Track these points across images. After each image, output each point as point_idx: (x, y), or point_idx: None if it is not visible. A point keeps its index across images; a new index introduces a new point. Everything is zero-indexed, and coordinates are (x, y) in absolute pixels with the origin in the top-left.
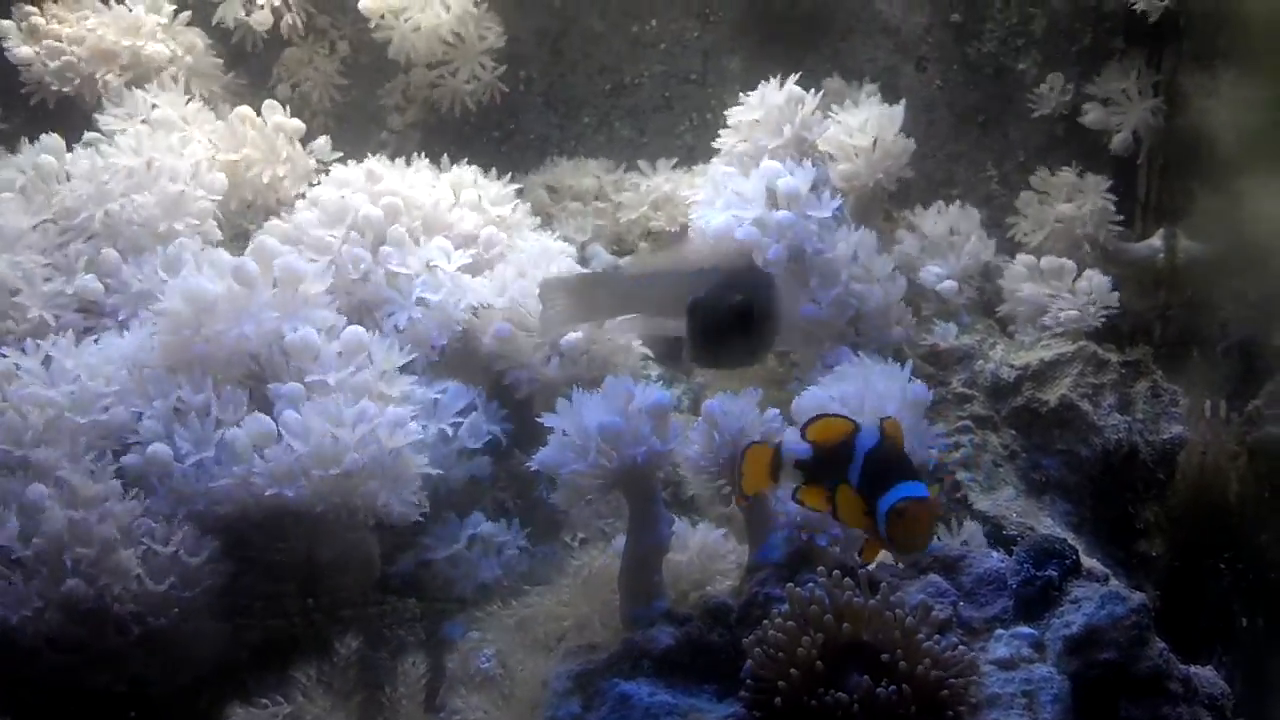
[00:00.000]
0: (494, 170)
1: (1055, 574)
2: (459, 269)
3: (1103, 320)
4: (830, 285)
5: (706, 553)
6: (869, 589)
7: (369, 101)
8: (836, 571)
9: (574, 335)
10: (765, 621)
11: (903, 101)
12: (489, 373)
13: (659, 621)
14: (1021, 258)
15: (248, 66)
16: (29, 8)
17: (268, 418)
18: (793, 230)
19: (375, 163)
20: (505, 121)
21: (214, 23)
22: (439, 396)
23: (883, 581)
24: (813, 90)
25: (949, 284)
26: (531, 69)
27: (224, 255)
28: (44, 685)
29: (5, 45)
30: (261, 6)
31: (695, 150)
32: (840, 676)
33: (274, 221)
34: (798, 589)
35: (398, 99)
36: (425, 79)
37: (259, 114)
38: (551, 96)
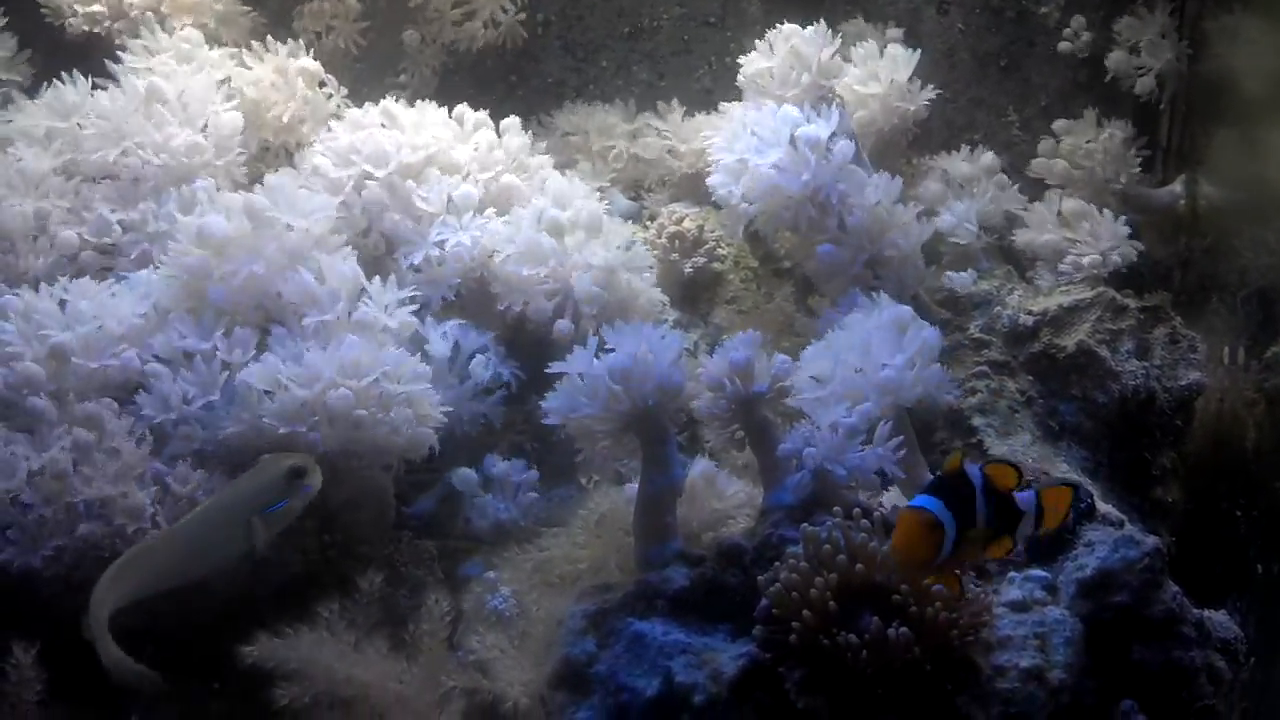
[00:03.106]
0: (512, 114)
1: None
2: (474, 210)
3: (1121, 266)
4: (850, 228)
5: (717, 494)
6: (883, 531)
7: (387, 45)
8: (856, 511)
9: (588, 280)
10: (779, 563)
11: (918, 50)
12: (504, 316)
13: (673, 562)
14: (1041, 203)
15: (267, 8)
16: None
17: (276, 359)
18: (812, 174)
19: (392, 104)
20: (523, 65)
21: None
22: (451, 336)
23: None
24: (830, 34)
25: (968, 229)
26: (549, 12)
27: (237, 195)
28: (65, 626)
29: None
30: None
31: (714, 94)
32: (853, 617)
33: (292, 163)
34: (813, 529)
35: (416, 42)
36: (444, 21)
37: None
38: (569, 40)
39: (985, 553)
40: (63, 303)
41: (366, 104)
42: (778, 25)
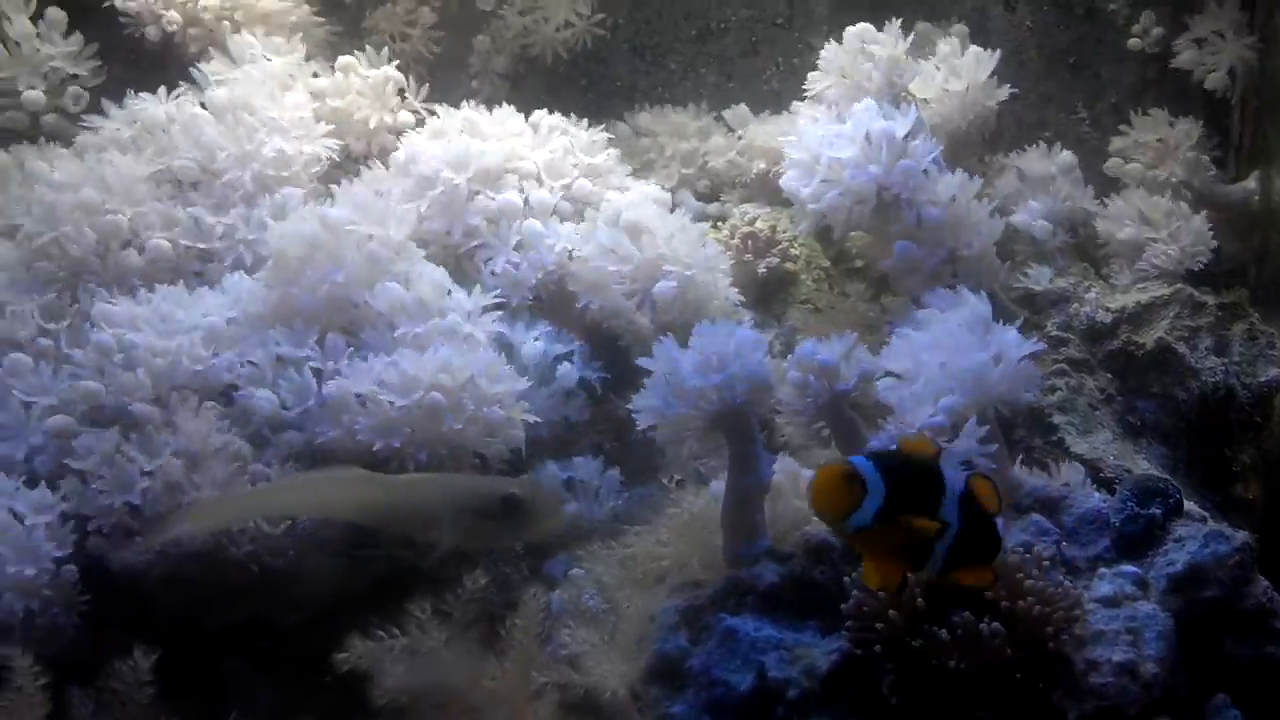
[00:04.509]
0: (584, 117)
1: (1159, 512)
2: (552, 214)
3: (1200, 263)
4: (926, 226)
5: (800, 492)
6: None
7: (460, 51)
8: None
9: (665, 280)
10: None
11: (990, 47)
12: (583, 318)
13: (763, 559)
14: (1117, 200)
15: (340, 16)
16: None
17: (369, 362)
18: (887, 172)
19: (472, 111)
20: (592, 69)
21: None
22: (534, 337)
23: None
24: (903, 33)
25: (1044, 226)
26: (618, 16)
27: (323, 202)
28: (167, 624)
29: None
30: None
31: (782, 95)
32: (944, 614)
33: (371, 170)
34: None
35: (489, 47)
36: (517, 27)
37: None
38: (638, 43)
39: (965, 580)
40: (159, 309)
41: (446, 110)
42: (846, 25)
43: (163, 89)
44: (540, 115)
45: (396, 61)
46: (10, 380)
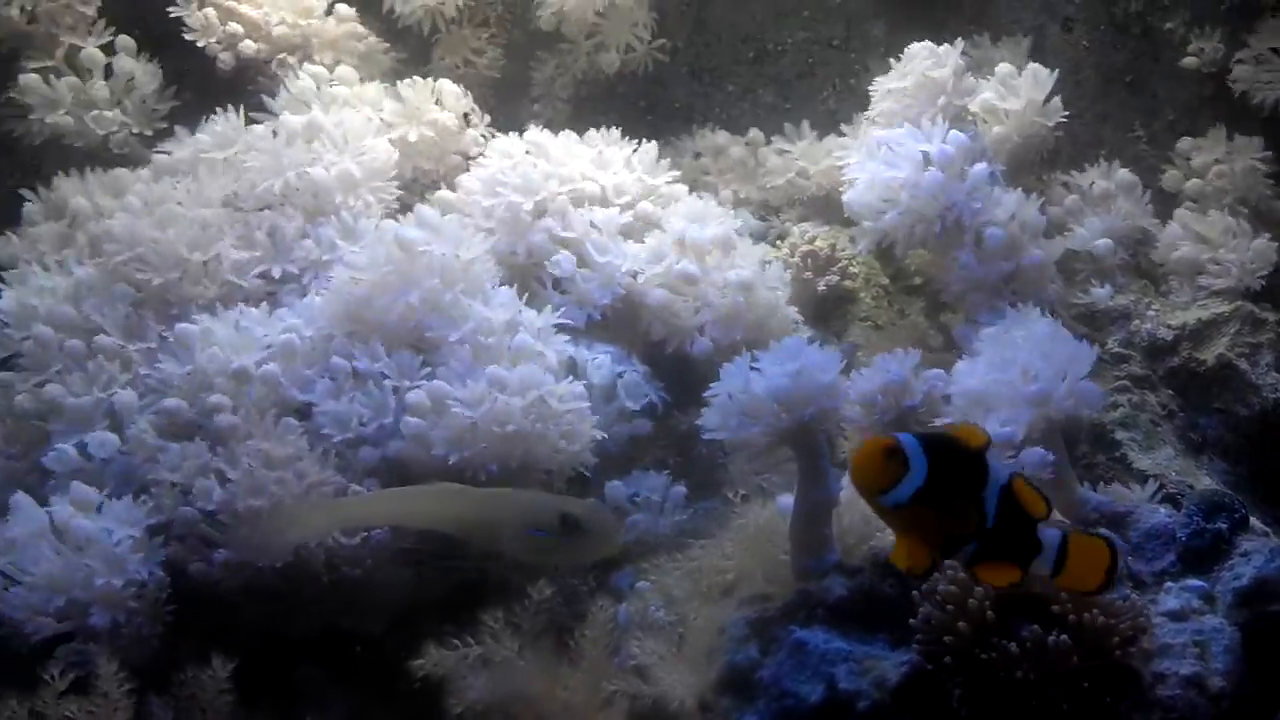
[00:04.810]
0: (644, 139)
1: (1225, 527)
2: (617, 234)
3: (1260, 281)
4: (986, 245)
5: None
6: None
7: (522, 74)
8: None
9: (727, 299)
10: (937, 574)
11: (1048, 67)
12: (646, 336)
13: (831, 573)
14: (1177, 218)
15: (406, 42)
16: None
17: (442, 382)
18: (947, 192)
19: (538, 133)
20: (652, 91)
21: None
22: (599, 356)
23: None
24: (962, 54)
25: (1104, 244)
26: (676, 39)
27: (393, 225)
28: (247, 634)
29: (184, 20)
30: None
31: (838, 115)
32: (1011, 627)
33: (440, 192)
34: (969, 545)
35: (550, 71)
36: (578, 51)
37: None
38: (696, 66)
39: (985, 575)
40: (238, 325)
41: (512, 133)
42: (902, 47)
43: (235, 113)
44: (604, 137)
45: (463, 85)
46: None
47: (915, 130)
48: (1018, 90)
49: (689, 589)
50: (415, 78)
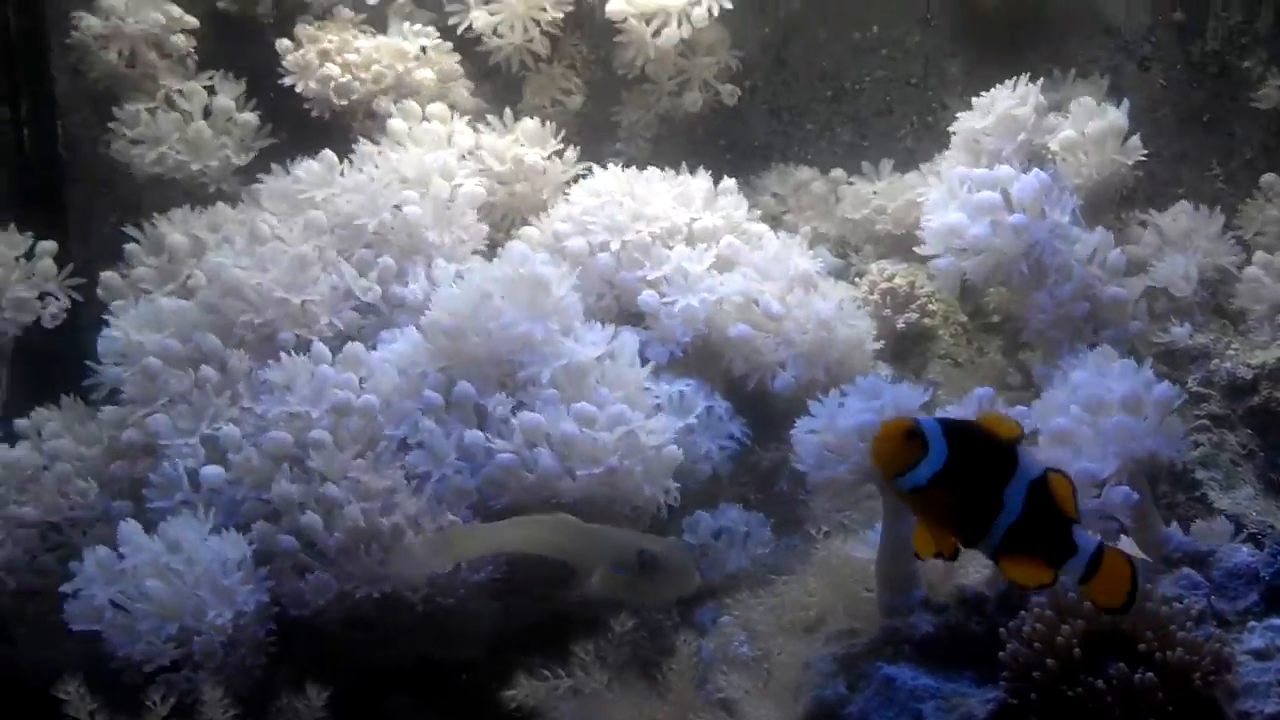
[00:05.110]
0: (725, 176)
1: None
2: (700, 271)
3: None
4: (1066, 283)
5: None
6: None
7: (606, 113)
8: None
9: (807, 337)
10: (1024, 612)
11: (1125, 103)
12: (729, 372)
13: (917, 609)
14: (1257, 257)
15: (494, 82)
16: (307, 29)
17: (535, 416)
18: (1028, 231)
19: (623, 172)
20: (731, 129)
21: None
22: (683, 392)
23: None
24: (1042, 93)
25: (1183, 282)
26: (756, 78)
27: (485, 262)
28: (344, 663)
29: (284, 63)
30: (513, 29)
31: (916, 153)
32: (1098, 664)
33: (529, 229)
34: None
35: (633, 110)
36: (661, 91)
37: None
38: (775, 104)
39: (1014, 574)
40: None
41: (598, 170)
42: (979, 85)
43: (330, 153)
44: (686, 176)
45: (550, 124)
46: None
47: (996, 168)
48: (1097, 129)
49: (772, 624)
50: (504, 117)
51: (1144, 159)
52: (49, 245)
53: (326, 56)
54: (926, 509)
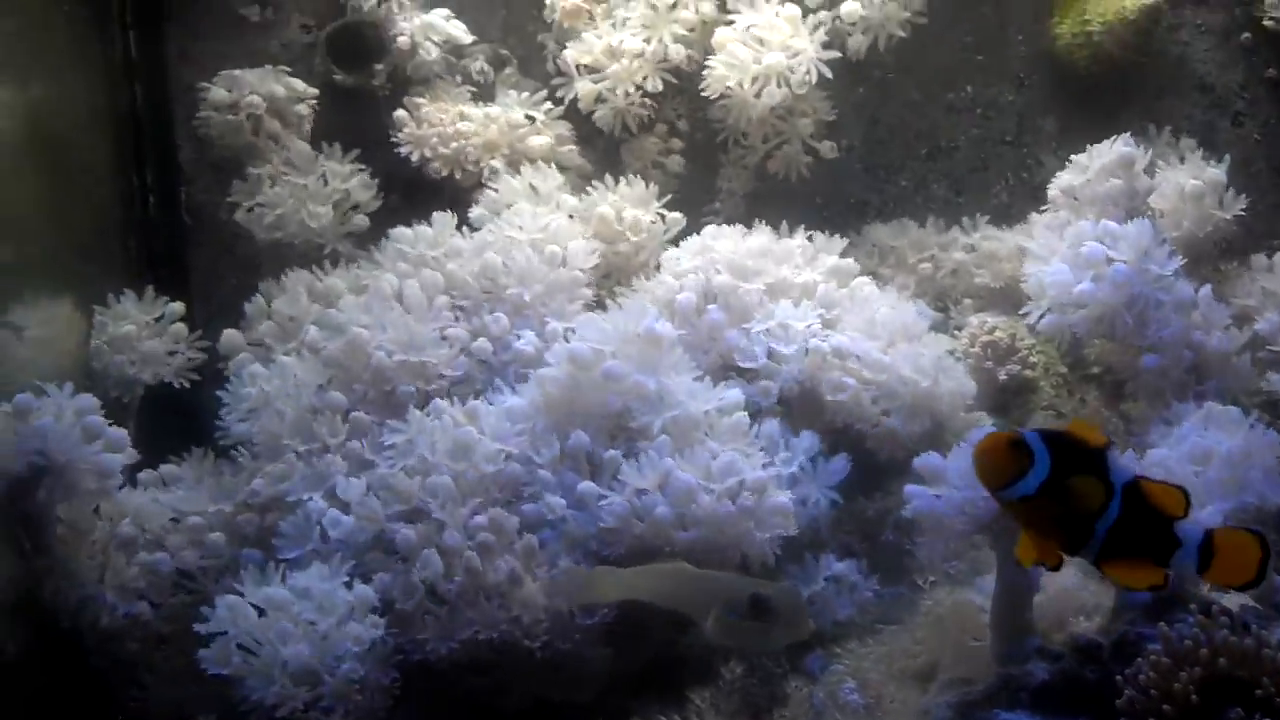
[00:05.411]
0: (821, 232)
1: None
2: (803, 325)
3: None
4: (1169, 335)
5: (1063, 593)
6: (1242, 628)
7: (702, 173)
8: (1215, 608)
9: (909, 389)
10: (1140, 658)
11: (1227, 159)
12: (831, 422)
13: (1033, 657)
14: None
15: (596, 145)
16: (419, 100)
17: (647, 465)
18: (1130, 284)
19: (722, 229)
20: (826, 187)
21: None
22: (789, 442)
23: (1250, 621)
24: (1142, 149)
25: None
26: (852, 137)
27: (595, 317)
28: (464, 707)
29: (399, 134)
30: (615, 95)
31: (1011, 209)
32: (1214, 711)
33: (636, 287)
34: (1171, 629)
35: (730, 169)
36: (758, 151)
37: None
38: (870, 162)
39: (1120, 577)
40: (454, 419)
41: (704, 229)
42: (1073, 141)
43: (445, 214)
44: (788, 233)
45: (651, 184)
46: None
47: (1097, 223)
48: (1195, 184)
49: (882, 673)
50: (607, 180)
51: (1241, 213)
52: (179, 307)
53: (439, 125)
54: (1032, 519)
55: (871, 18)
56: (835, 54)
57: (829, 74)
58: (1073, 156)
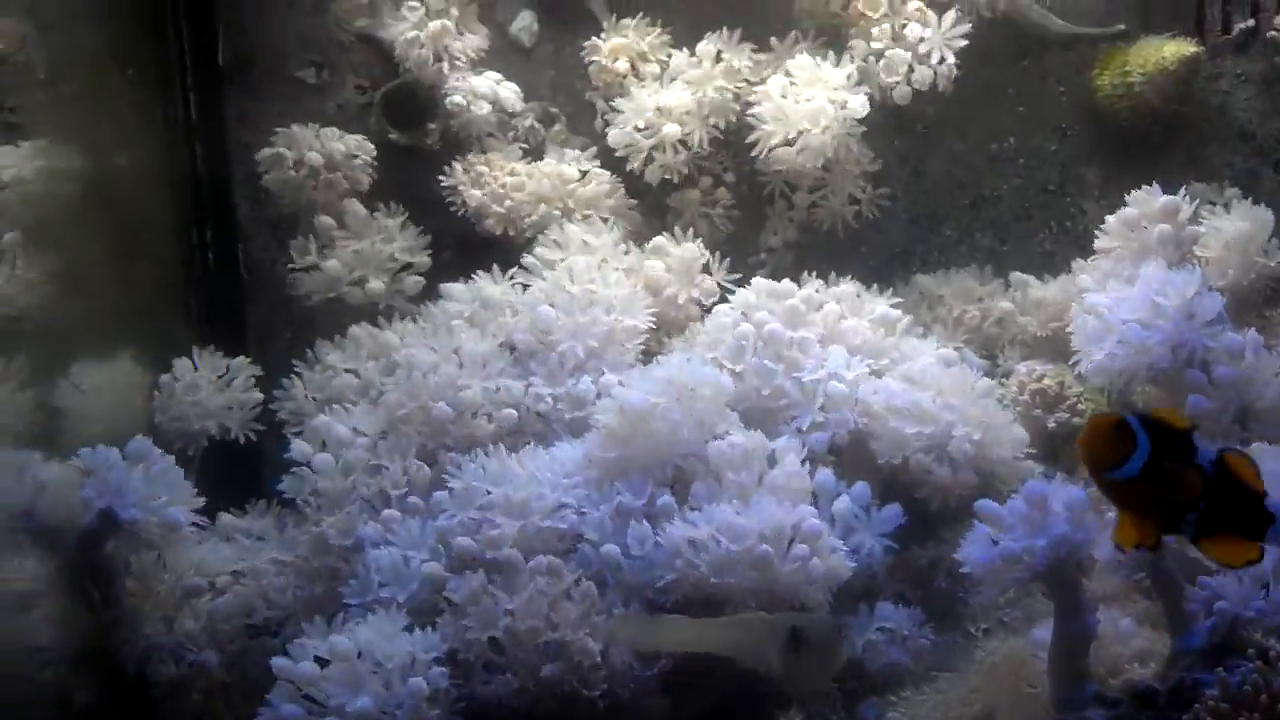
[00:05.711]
0: (866, 282)
1: None
2: (851, 373)
3: None
4: (1215, 382)
5: (1119, 639)
6: None
7: (749, 224)
8: (1273, 654)
9: (963, 438)
10: (1198, 705)
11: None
12: (881, 470)
13: (1090, 704)
14: None
15: (644, 199)
16: (472, 158)
17: (702, 515)
18: (1178, 330)
19: (770, 283)
20: (870, 237)
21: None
22: (843, 492)
23: None
24: (1187, 197)
25: None
26: (896, 187)
27: (649, 368)
28: None
29: (454, 191)
30: (663, 152)
31: (1055, 257)
32: None
33: (687, 337)
34: (1228, 676)
35: (776, 221)
36: (804, 202)
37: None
38: (914, 212)
39: (1219, 554)
40: (514, 469)
41: (753, 280)
42: (1116, 190)
43: (495, 270)
44: (834, 281)
45: (698, 237)
46: (386, 534)
47: (1141, 271)
48: (1240, 231)
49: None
50: (658, 233)
51: None
52: (243, 363)
53: (492, 183)
54: (1134, 500)
55: (915, 71)
56: (877, 104)
57: (861, 112)
58: (1118, 207)
